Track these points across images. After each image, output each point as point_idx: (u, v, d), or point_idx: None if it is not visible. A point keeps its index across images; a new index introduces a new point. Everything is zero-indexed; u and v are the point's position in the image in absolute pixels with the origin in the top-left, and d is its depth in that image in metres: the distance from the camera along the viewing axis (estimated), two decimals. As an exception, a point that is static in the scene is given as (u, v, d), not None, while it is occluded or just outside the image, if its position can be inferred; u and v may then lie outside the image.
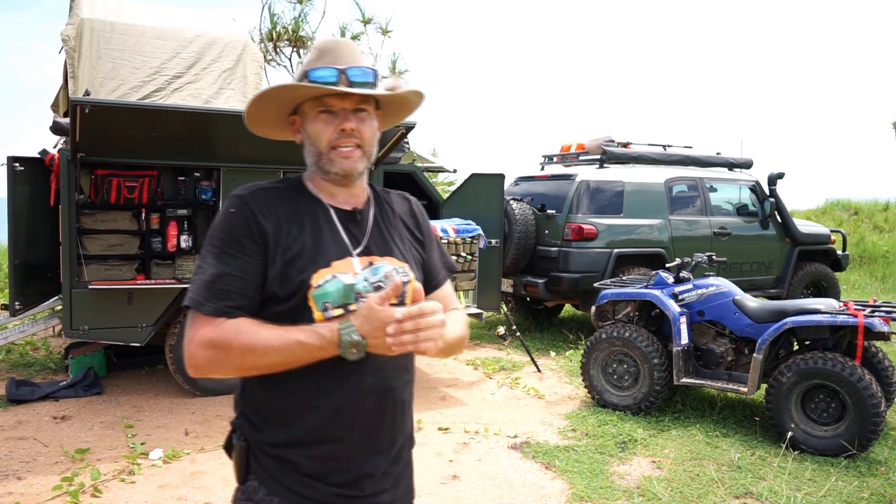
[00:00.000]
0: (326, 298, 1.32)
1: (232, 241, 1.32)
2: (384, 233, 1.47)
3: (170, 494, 3.46)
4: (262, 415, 1.38)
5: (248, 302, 1.32)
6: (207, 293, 1.29)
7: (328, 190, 1.44)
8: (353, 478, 1.37)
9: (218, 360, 1.28)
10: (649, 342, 4.67)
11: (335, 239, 1.39)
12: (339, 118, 1.38)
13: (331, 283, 1.33)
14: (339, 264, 1.36)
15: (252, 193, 1.38)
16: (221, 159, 5.11)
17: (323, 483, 1.35)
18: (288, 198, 1.41)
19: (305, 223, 1.38)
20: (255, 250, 1.32)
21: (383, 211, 1.51)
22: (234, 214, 1.35)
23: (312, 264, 1.34)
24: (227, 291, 1.29)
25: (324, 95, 1.37)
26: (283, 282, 1.32)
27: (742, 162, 8.38)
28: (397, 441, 1.45)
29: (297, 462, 1.35)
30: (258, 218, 1.34)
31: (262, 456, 1.37)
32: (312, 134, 1.39)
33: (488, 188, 6.00)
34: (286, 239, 1.34)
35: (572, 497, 3.52)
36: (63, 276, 4.74)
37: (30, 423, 4.45)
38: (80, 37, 5.28)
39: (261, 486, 1.37)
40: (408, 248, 1.51)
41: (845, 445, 3.89)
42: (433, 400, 5.19)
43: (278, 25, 11.37)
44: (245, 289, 1.31)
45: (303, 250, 1.34)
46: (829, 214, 16.41)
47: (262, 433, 1.37)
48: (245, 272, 1.31)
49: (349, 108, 1.38)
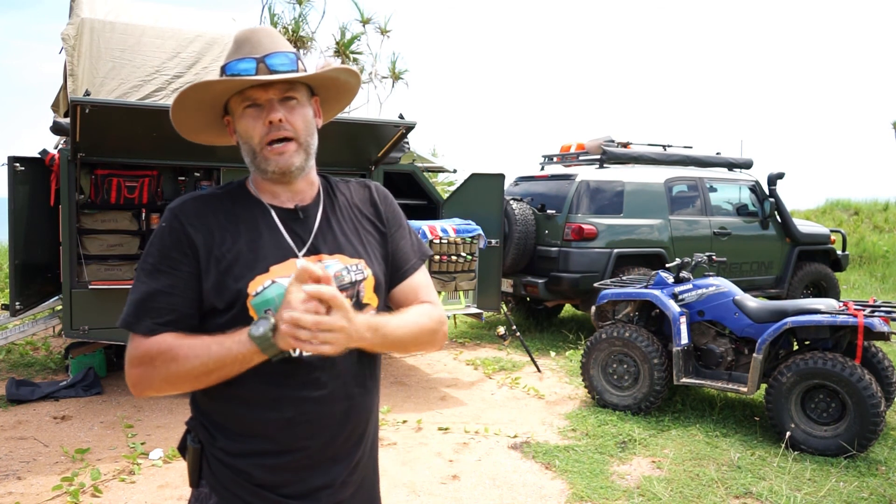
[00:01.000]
0: (268, 306, 1.24)
1: (162, 257, 1.28)
2: (334, 228, 1.38)
3: (170, 494, 3.46)
4: (215, 422, 1.32)
5: (180, 317, 1.26)
6: (138, 312, 1.25)
7: (269, 190, 1.36)
8: (308, 488, 1.31)
9: (147, 376, 1.23)
10: (649, 342, 4.67)
11: (275, 241, 1.31)
12: (266, 110, 1.30)
13: (270, 288, 1.25)
14: (279, 268, 1.28)
15: (183, 205, 1.32)
16: (221, 159, 5.12)
17: (276, 494, 1.29)
18: (224, 204, 1.34)
19: (241, 229, 1.31)
20: (186, 263, 1.27)
21: (335, 204, 1.42)
22: (164, 229, 1.30)
23: (249, 271, 1.27)
24: (157, 309, 1.25)
25: (245, 88, 1.30)
26: (220, 292, 1.26)
27: (742, 162, 8.38)
28: (358, 450, 1.38)
29: (250, 472, 1.29)
30: (187, 229, 1.28)
31: (216, 463, 1.31)
32: (243, 132, 1.32)
33: (488, 188, 6.00)
34: (220, 248, 1.28)
35: (572, 497, 3.52)
36: (63, 276, 4.75)
37: (30, 423, 4.45)
38: (80, 36, 5.28)
39: (212, 493, 1.31)
40: (366, 240, 1.42)
41: (845, 445, 3.89)
42: (433, 400, 5.19)
43: (278, 25, 11.39)
44: (175, 304, 1.26)
45: (238, 258, 1.28)
46: (829, 214, 16.41)
47: (216, 440, 1.32)
48: (175, 287, 1.26)
49: (276, 98, 1.30)
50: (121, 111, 4.35)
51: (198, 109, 1.36)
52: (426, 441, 4.29)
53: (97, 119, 4.20)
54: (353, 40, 11.97)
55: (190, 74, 5.59)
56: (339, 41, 11.83)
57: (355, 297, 1.34)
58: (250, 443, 1.29)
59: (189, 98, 1.32)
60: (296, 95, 1.32)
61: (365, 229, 1.43)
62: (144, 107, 4.57)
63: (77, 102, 4.02)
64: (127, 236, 5.25)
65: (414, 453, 4.09)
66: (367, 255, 1.39)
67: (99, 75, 5.31)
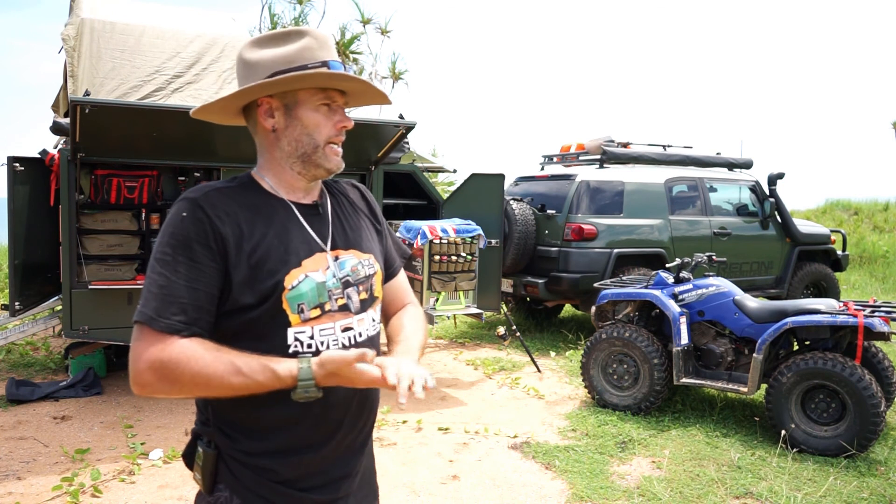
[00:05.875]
0: (301, 300, 1.26)
1: (184, 249, 1.20)
2: (344, 224, 1.42)
3: (170, 494, 3.46)
4: (237, 426, 1.30)
5: (203, 315, 1.21)
6: (159, 307, 1.18)
7: (288, 184, 1.35)
8: (328, 480, 1.34)
9: (167, 385, 1.17)
10: (649, 342, 4.67)
11: (302, 236, 1.32)
12: (338, 115, 1.34)
13: (304, 283, 1.26)
14: (309, 262, 1.29)
15: (206, 195, 1.26)
16: (221, 159, 5.11)
17: (297, 489, 1.30)
18: (244, 197, 1.31)
19: (268, 223, 1.29)
20: (210, 258, 1.21)
21: (339, 202, 1.46)
22: (187, 219, 1.22)
23: (284, 265, 1.25)
24: (181, 304, 1.18)
25: (331, 88, 1.33)
26: (253, 287, 1.23)
27: (742, 162, 8.38)
28: (369, 438, 1.45)
29: (275, 469, 1.29)
30: (214, 222, 1.22)
31: (236, 465, 1.29)
32: (311, 124, 1.31)
33: (488, 188, 6.00)
34: (249, 242, 1.25)
35: (572, 497, 3.52)
36: (63, 276, 4.74)
37: (30, 423, 4.45)
38: (80, 37, 5.28)
39: (233, 496, 1.29)
40: (370, 237, 1.47)
41: (845, 445, 3.89)
42: (433, 400, 5.19)
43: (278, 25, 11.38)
44: (200, 301, 1.20)
45: (270, 252, 1.26)
46: (829, 214, 16.41)
47: (237, 443, 1.29)
48: (199, 282, 1.20)
49: (342, 106, 1.36)
50: (121, 111, 4.34)
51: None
52: (426, 441, 4.29)
53: (97, 119, 4.20)
54: (353, 40, 11.98)
55: (190, 74, 5.59)
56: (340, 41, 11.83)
57: (370, 290, 1.39)
58: (275, 440, 1.29)
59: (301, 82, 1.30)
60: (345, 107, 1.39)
61: (366, 226, 1.48)
62: (144, 107, 4.57)
63: (77, 102, 4.02)
64: (127, 236, 5.24)
65: (414, 453, 4.09)
66: (374, 251, 1.46)
67: (99, 75, 5.31)
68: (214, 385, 1.17)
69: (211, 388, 1.18)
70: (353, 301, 1.35)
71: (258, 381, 1.17)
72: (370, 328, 1.40)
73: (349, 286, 1.35)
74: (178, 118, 4.61)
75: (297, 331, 1.27)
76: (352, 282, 1.35)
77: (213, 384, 1.17)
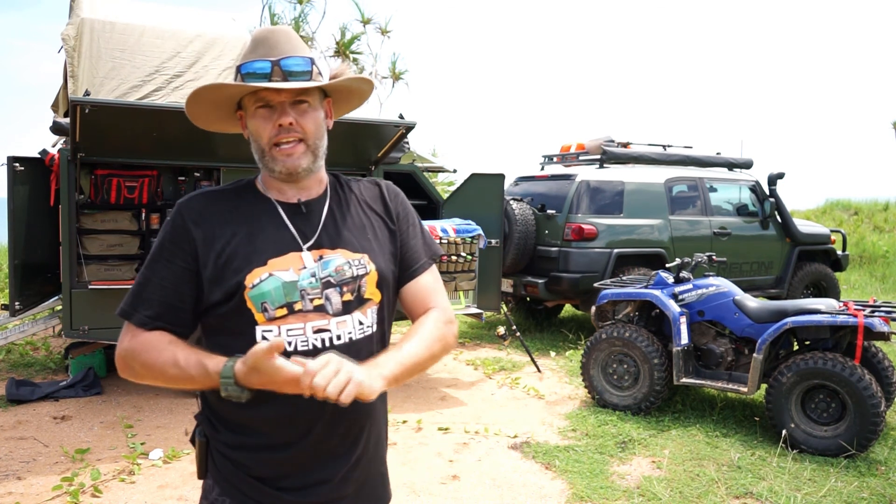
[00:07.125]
0: (264, 298, 1.28)
1: (161, 250, 1.33)
2: (339, 223, 1.39)
3: (170, 494, 3.46)
4: (221, 417, 1.35)
5: (171, 311, 1.30)
6: (134, 302, 1.31)
7: (277, 187, 1.39)
8: (305, 483, 1.33)
9: (128, 371, 1.31)
10: (649, 342, 4.67)
11: (277, 235, 1.34)
12: (278, 112, 1.31)
13: (267, 281, 1.28)
14: (277, 261, 1.31)
15: (189, 200, 1.37)
16: (221, 159, 5.11)
17: (274, 487, 1.32)
18: (230, 200, 1.37)
19: (242, 223, 1.34)
20: (181, 257, 1.31)
21: (343, 200, 1.43)
22: (168, 223, 1.35)
23: (247, 264, 1.29)
24: (150, 300, 1.30)
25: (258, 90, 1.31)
26: (221, 285, 1.29)
27: (742, 162, 8.38)
28: (357, 447, 1.38)
29: (248, 465, 1.32)
30: (187, 224, 1.32)
31: (218, 455, 1.35)
32: (253, 131, 1.34)
33: (488, 188, 6.00)
34: (220, 242, 1.31)
35: (572, 497, 3.52)
36: (63, 276, 4.74)
37: (30, 423, 4.45)
38: (80, 36, 5.29)
39: (215, 485, 1.36)
40: (374, 236, 1.42)
41: (845, 445, 3.89)
42: (433, 400, 5.19)
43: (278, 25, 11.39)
44: (168, 298, 1.30)
45: (237, 251, 1.31)
46: (829, 214, 16.42)
47: (220, 434, 1.35)
48: (166, 280, 1.30)
49: (287, 101, 1.31)
50: (121, 111, 4.35)
51: (212, 104, 1.38)
52: (426, 441, 4.29)
53: (97, 119, 4.20)
54: (353, 40, 11.99)
55: (189, 74, 5.59)
56: (340, 41, 11.83)
57: (356, 291, 1.36)
58: (249, 436, 1.33)
59: (202, 96, 1.35)
60: (308, 99, 1.33)
61: (373, 225, 1.44)
62: (144, 107, 4.57)
63: (77, 102, 4.02)
64: (127, 236, 5.25)
65: (414, 453, 4.09)
66: (373, 251, 1.40)
67: (99, 75, 5.31)
68: (158, 374, 1.27)
69: (156, 377, 1.28)
70: (331, 302, 1.32)
71: (191, 375, 1.23)
72: (355, 331, 1.34)
73: (330, 287, 1.32)
74: (178, 118, 4.60)
75: (265, 329, 1.29)
76: (334, 282, 1.32)
77: (157, 374, 1.27)
